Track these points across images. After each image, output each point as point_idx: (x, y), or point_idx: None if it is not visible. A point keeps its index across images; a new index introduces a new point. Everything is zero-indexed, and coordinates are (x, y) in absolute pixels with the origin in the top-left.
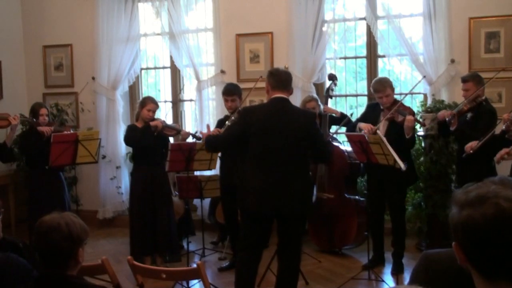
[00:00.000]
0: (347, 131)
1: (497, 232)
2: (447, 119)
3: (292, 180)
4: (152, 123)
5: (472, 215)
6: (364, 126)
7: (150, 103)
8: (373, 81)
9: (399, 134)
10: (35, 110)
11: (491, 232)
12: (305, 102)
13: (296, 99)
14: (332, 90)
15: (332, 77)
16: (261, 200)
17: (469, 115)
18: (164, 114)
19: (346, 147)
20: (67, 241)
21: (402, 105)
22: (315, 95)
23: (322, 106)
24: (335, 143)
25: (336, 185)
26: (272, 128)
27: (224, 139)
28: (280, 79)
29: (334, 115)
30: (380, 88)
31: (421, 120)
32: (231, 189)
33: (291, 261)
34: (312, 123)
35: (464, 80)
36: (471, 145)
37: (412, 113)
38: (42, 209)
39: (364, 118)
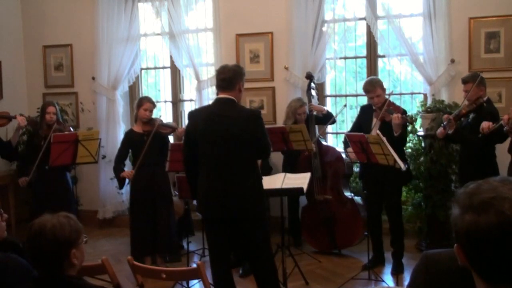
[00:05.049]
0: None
1: (501, 240)
2: (443, 124)
3: (236, 182)
4: (121, 175)
5: (476, 222)
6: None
7: (147, 102)
8: (363, 82)
9: (392, 133)
10: (43, 108)
11: (495, 240)
12: (295, 108)
13: None
14: (313, 89)
15: (309, 76)
16: (206, 204)
17: (471, 116)
18: (164, 114)
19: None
20: (52, 246)
21: (392, 104)
22: (301, 98)
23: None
24: (324, 143)
25: (333, 185)
26: (213, 132)
27: (183, 149)
28: (220, 78)
29: (320, 114)
30: (370, 89)
31: (409, 118)
32: None
33: (264, 269)
34: (255, 122)
35: (464, 81)
36: (488, 126)
37: (402, 111)
38: (44, 210)
39: (358, 120)
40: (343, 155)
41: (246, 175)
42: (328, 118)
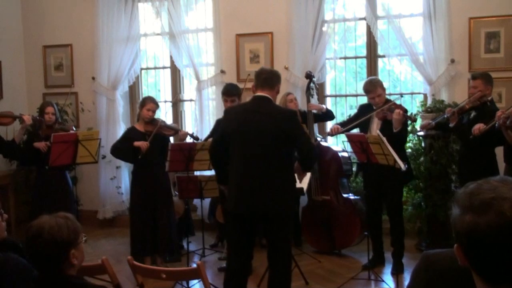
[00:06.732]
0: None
1: (501, 241)
2: (446, 115)
3: (268, 180)
4: (136, 143)
5: (476, 223)
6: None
7: (150, 102)
8: (363, 83)
9: (392, 131)
10: (42, 109)
11: (495, 241)
12: (284, 96)
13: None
14: (313, 88)
15: (309, 76)
16: (237, 199)
17: (473, 113)
18: (164, 114)
19: (336, 146)
20: (51, 248)
21: (394, 104)
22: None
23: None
24: (324, 143)
25: (331, 186)
26: (248, 127)
27: (213, 140)
28: (260, 78)
29: (320, 112)
30: (371, 89)
31: (412, 116)
32: None
33: (280, 263)
34: (292, 122)
35: (474, 77)
36: (479, 127)
37: (404, 109)
38: (44, 210)
39: (356, 118)
40: (341, 154)
41: (276, 173)
42: (328, 116)
